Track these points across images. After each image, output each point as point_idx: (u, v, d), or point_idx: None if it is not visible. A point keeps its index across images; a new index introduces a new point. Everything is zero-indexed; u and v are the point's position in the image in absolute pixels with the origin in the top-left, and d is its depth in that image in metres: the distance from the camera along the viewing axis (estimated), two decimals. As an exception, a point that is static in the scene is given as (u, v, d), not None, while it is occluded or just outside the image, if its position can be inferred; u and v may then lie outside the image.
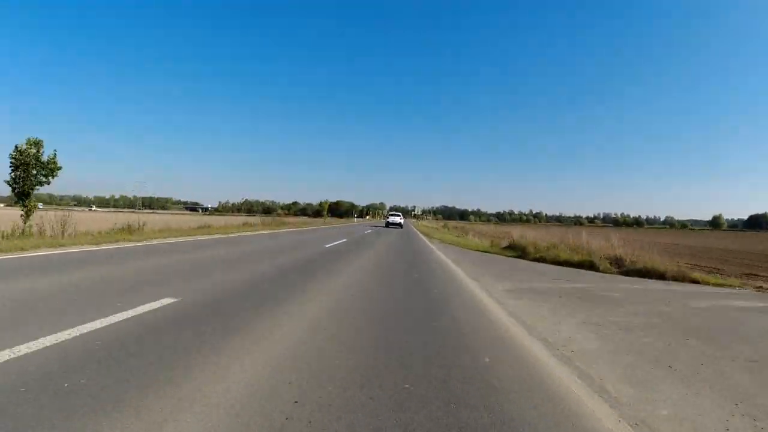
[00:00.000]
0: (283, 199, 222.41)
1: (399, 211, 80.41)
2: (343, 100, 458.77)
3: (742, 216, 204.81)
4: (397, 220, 41.96)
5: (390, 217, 43.83)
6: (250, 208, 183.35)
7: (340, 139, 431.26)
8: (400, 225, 41.51)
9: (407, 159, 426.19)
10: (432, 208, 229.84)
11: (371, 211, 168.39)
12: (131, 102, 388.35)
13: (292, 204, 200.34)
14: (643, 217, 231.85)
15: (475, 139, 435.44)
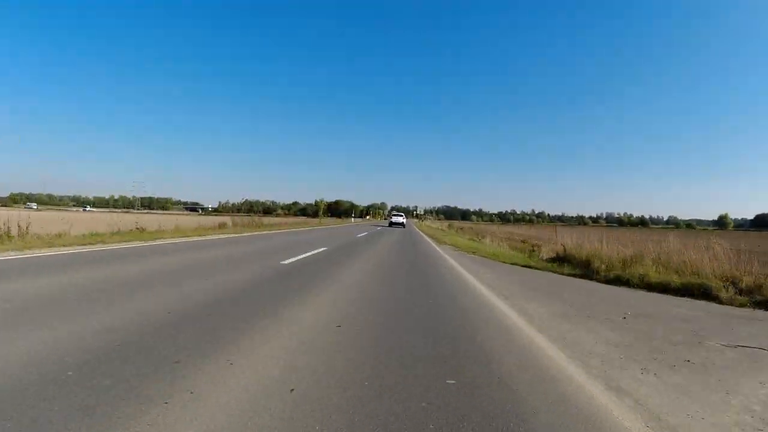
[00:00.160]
0: (284, 199, 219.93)
1: (401, 211, 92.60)
2: (343, 100, 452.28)
3: (745, 215, 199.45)
4: (400, 219, 46.89)
5: (393, 217, 49.24)
6: (250, 208, 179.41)
7: (341, 139, 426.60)
8: (403, 224, 45.94)
9: (407, 159, 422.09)
10: (434, 207, 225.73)
11: (372, 211, 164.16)
12: (131, 102, 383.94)
13: (292, 204, 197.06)
14: (646, 216, 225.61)
15: (476, 139, 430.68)
